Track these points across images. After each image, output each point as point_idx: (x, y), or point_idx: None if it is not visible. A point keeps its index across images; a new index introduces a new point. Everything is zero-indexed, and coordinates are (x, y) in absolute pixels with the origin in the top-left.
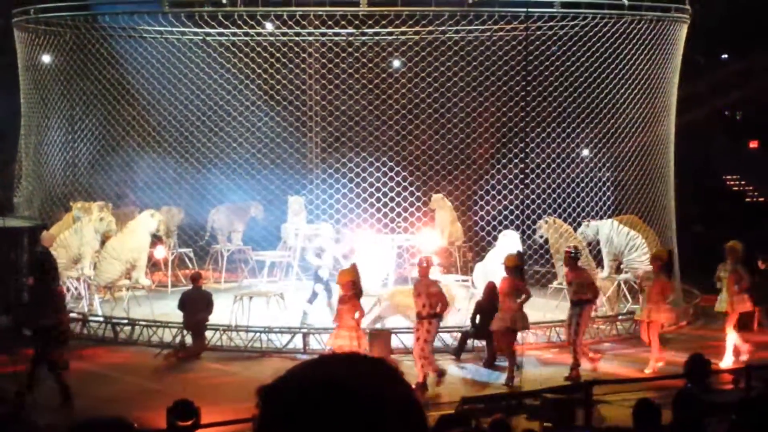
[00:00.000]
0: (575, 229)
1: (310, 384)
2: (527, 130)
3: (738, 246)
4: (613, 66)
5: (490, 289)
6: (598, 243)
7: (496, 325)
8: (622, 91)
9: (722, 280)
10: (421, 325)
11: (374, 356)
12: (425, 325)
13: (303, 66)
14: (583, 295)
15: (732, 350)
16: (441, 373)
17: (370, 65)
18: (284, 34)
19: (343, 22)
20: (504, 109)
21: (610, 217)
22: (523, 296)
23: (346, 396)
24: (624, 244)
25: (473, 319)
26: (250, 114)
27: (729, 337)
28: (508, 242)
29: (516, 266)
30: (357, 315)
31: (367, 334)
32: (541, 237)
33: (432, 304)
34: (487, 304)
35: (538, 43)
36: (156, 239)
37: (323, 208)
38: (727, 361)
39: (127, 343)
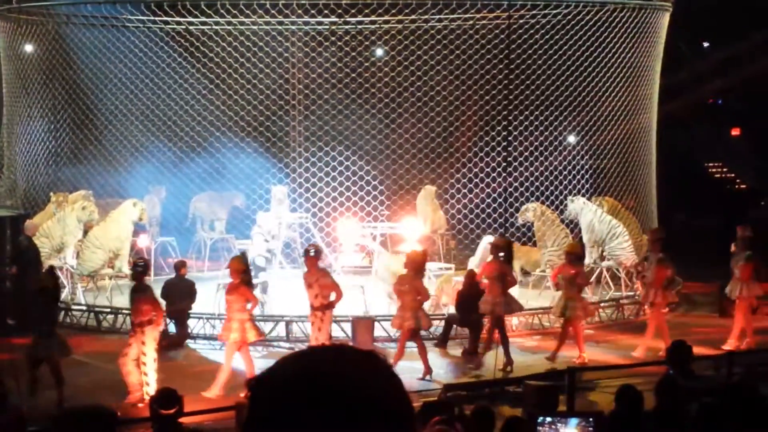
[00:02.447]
0: (560, 212)
1: (298, 376)
2: (510, 118)
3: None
4: (595, 54)
5: (470, 277)
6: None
7: (486, 309)
8: (604, 79)
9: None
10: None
11: (363, 348)
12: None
13: (286, 55)
14: (324, 299)
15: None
16: None
17: (353, 54)
18: (267, 23)
19: (325, 11)
20: (487, 98)
21: (591, 196)
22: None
23: (334, 389)
24: (605, 231)
25: (458, 308)
26: (233, 103)
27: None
28: None
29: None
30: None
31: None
32: (525, 221)
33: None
34: (468, 292)
35: (520, 31)
36: (140, 229)
37: (306, 197)
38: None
39: (110, 331)
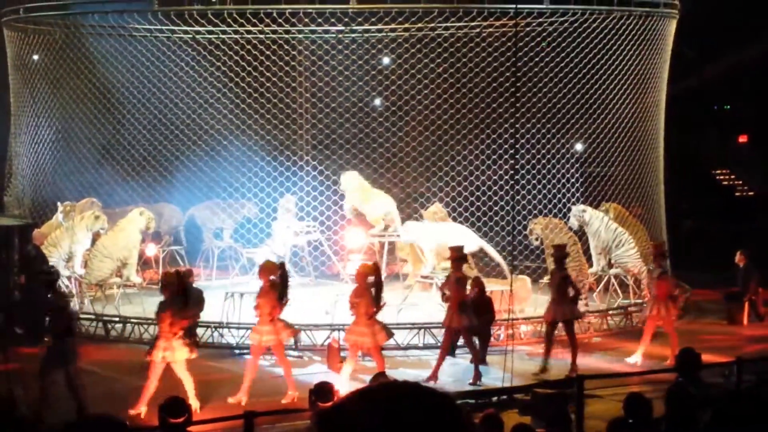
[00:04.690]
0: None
1: (364, 418)
2: (517, 126)
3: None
4: (602, 61)
5: (479, 284)
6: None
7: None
8: (612, 86)
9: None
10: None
11: (438, 391)
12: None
13: (293, 63)
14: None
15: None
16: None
17: (360, 62)
18: (274, 32)
19: (332, 20)
20: (494, 105)
21: (599, 203)
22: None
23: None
24: (611, 239)
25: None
26: (240, 112)
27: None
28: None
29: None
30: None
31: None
32: (537, 239)
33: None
34: (477, 300)
35: (527, 39)
36: (155, 237)
37: (314, 205)
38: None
39: (119, 340)
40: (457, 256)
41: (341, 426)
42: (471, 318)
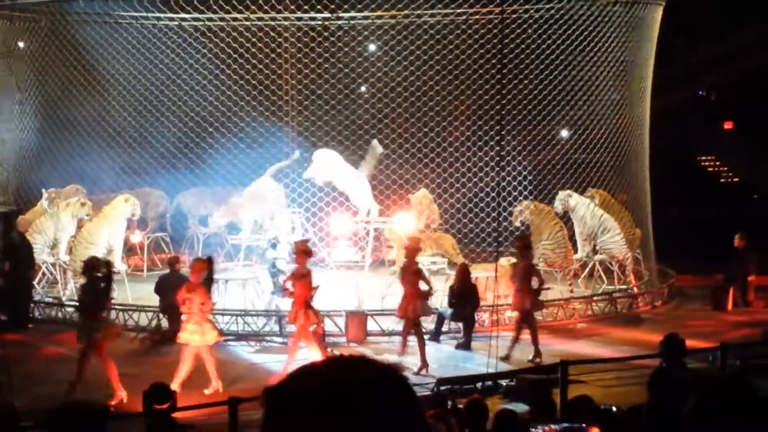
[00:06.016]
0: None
1: (312, 392)
2: (503, 112)
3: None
4: (588, 48)
5: (463, 271)
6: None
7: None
8: (597, 73)
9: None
10: None
11: (383, 363)
12: None
13: (279, 50)
14: None
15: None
16: None
17: (346, 49)
18: (260, 19)
19: (318, 7)
20: (480, 92)
21: (584, 190)
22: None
23: (347, 408)
24: (597, 225)
25: (451, 302)
26: (226, 99)
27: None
28: None
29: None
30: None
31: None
32: (522, 223)
33: None
34: (461, 287)
35: (513, 26)
36: (141, 224)
37: (299, 192)
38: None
39: None
40: (303, 250)
41: (286, 400)
42: (319, 317)
